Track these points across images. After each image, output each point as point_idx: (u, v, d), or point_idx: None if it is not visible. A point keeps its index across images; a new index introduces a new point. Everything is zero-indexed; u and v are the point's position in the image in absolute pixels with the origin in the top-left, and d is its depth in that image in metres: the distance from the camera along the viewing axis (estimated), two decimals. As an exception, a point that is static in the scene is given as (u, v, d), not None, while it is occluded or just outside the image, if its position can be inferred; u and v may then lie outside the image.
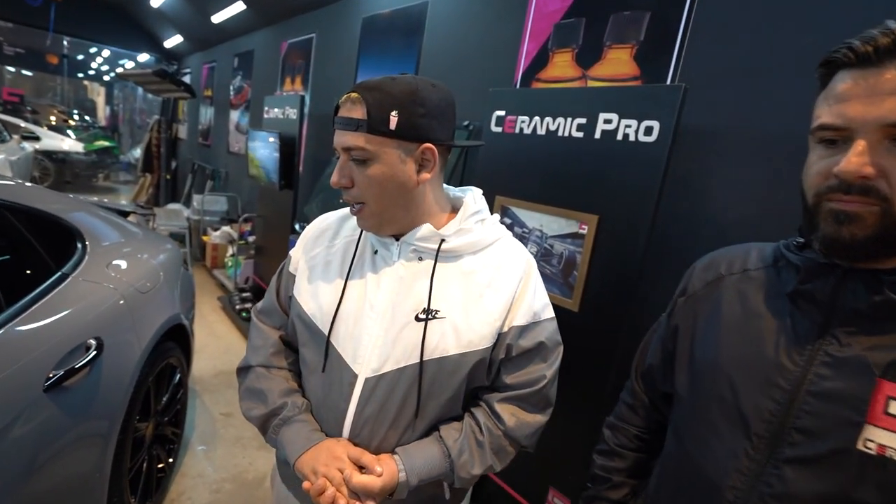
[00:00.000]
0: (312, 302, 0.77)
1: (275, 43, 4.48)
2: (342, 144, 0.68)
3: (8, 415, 0.92)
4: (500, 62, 2.20)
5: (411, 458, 0.72)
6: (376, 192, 0.69)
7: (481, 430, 0.76)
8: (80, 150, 8.40)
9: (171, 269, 1.87)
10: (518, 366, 0.77)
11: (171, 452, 1.86)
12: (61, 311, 1.17)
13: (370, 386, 0.71)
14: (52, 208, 1.42)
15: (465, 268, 0.75)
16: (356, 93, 0.67)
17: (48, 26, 6.92)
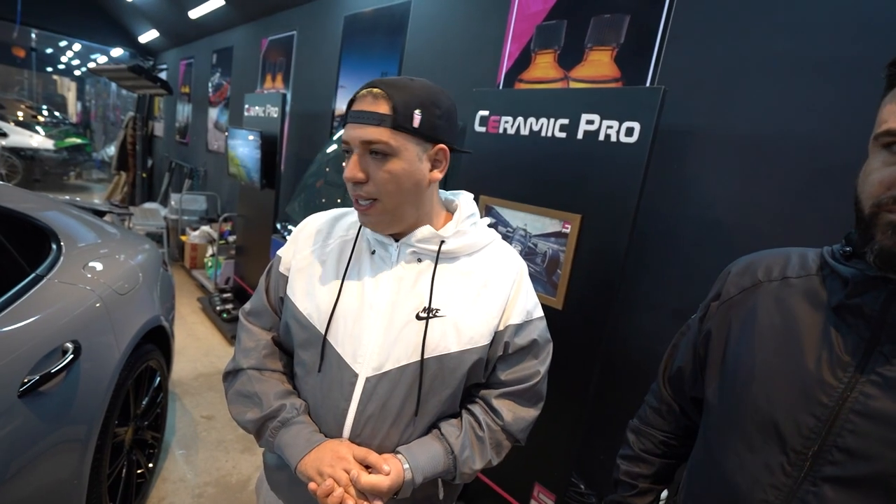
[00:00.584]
0: (308, 302, 0.76)
1: (255, 40, 4.41)
2: (363, 138, 0.67)
3: (-19, 422, 0.89)
4: (483, 62, 2.21)
5: (415, 456, 0.72)
6: (393, 189, 0.69)
7: (480, 425, 0.78)
8: (51, 147, 8.12)
9: (150, 270, 1.82)
10: (513, 363, 0.80)
11: (151, 457, 1.82)
12: (36, 314, 1.14)
13: (371, 385, 0.72)
14: (24, 207, 1.37)
15: (463, 268, 0.77)
16: (379, 88, 0.67)
17: (15, 18, 6.66)
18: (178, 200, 4.90)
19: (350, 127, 0.68)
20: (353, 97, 0.70)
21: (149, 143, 7.12)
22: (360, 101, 0.68)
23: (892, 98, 0.49)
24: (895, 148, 0.48)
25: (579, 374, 1.46)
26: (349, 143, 0.69)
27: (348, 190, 0.71)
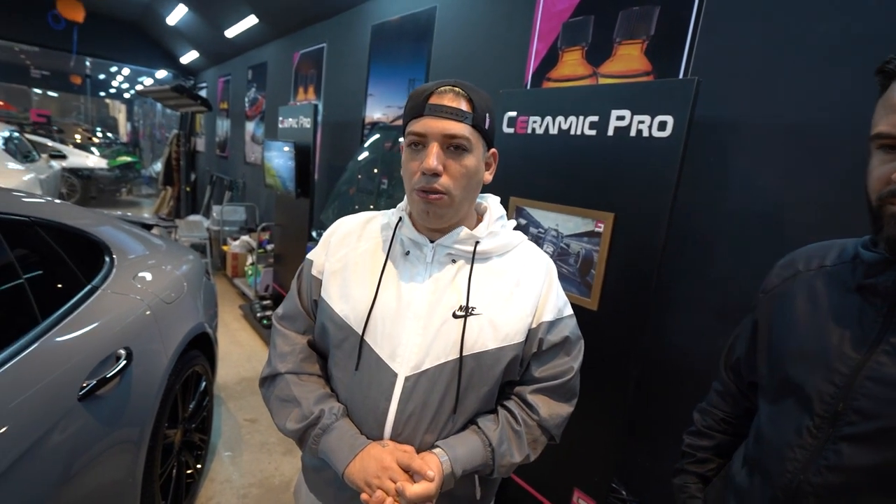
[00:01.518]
0: (343, 303, 0.78)
1: (287, 54, 4.56)
2: (446, 131, 0.69)
3: (45, 423, 0.95)
4: (510, 63, 2.20)
5: (454, 449, 0.73)
6: (464, 184, 0.72)
7: (517, 420, 0.79)
8: (104, 166, 8.66)
9: (195, 279, 1.91)
10: (546, 360, 0.81)
11: (199, 458, 1.90)
12: (92, 323, 1.22)
13: (411, 384, 0.73)
14: (80, 223, 1.47)
15: (496, 268, 0.79)
16: (460, 88, 0.71)
17: (71, 48, 7.17)
18: (219, 212, 5.11)
19: (429, 119, 0.69)
20: (424, 92, 0.71)
21: (192, 159, 7.48)
22: (440, 96, 0.70)
23: (882, 104, 0.56)
24: (888, 147, 0.54)
25: (617, 375, 1.43)
26: (426, 136, 0.70)
27: (412, 182, 0.72)
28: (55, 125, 13.00)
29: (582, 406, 1.53)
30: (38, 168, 4.50)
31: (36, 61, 13.83)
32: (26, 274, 1.12)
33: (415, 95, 0.73)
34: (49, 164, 5.12)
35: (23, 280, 1.09)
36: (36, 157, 4.77)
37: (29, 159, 4.43)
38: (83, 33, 7.10)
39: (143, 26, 7.81)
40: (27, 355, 0.99)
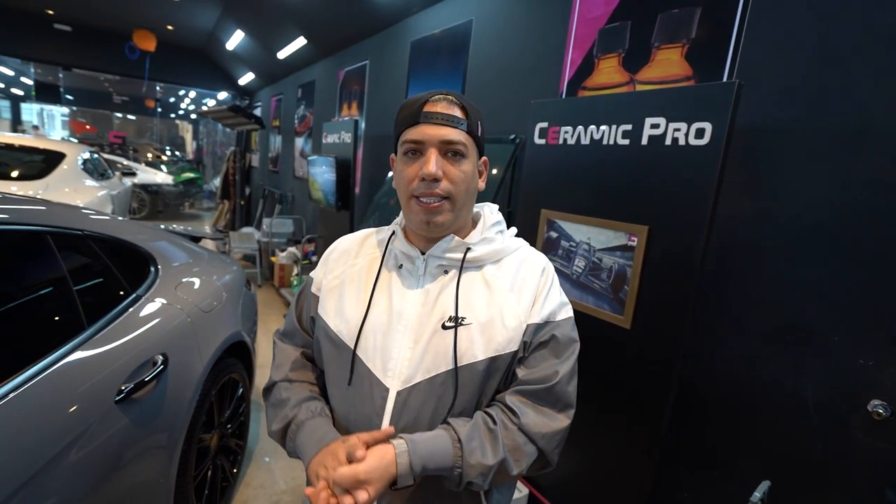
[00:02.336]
0: (337, 318, 0.78)
1: (333, 72, 4.75)
2: (444, 137, 0.71)
3: (82, 424, 1.02)
4: (545, 74, 2.17)
5: (414, 441, 0.68)
6: (462, 189, 0.73)
7: (493, 420, 0.72)
8: (170, 182, 9.35)
9: (234, 289, 2.00)
10: (531, 362, 0.76)
11: (235, 463, 1.96)
12: (133, 330, 1.29)
13: (402, 398, 0.72)
14: (130, 236, 1.58)
15: (488, 275, 0.77)
16: (452, 96, 0.73)
17: (144, 75, 7.85)
18: (268, 224, 5.36)
19: (426, 126, 0.71)
20: (418, 101, 0.73)
21: (247, 174, 7.93)
22: (434, 104, 0.72)
23: None
24: None
25: (652, 400, 1.34)
26: (423, 142, 0.71)
27: (410, 189, 0.73)
28: (130, 145, 14.25)
29: (613, 432, 1.46)
30: (111, 185, 4.91)
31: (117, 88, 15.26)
32: (76, 283, 1.21)
33: (408, 105, 0.74)
34: (121, 181, 5.58)
35: (72, 288, 1.18)
36: (110, 175, 5.21)
37: (104, 177, 4.85)
38: (154, 61, 7.77)
39: (206, 52, 8.43)
40: (70, 359, 1.06)
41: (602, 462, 1.51)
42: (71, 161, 4.00)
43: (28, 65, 11.61)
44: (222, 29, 6.73)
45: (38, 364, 0.99)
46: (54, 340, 1.07)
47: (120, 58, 7.53)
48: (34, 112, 19.66)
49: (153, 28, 7.01)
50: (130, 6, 6.32)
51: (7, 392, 0.90)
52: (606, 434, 1.49)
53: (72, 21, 7.25)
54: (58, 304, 1.15)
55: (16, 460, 0.87)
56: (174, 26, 7.12)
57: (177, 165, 11.75)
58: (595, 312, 1.50)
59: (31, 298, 1.11)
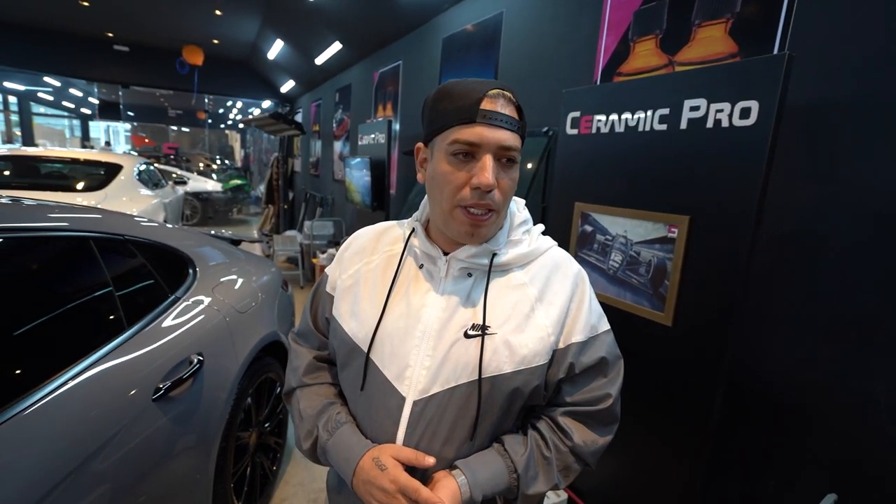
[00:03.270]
0: (352, 321, 0.75)
1: (368, 74, 4.83)
2: (503, 142, 0.63)
3: (122, 420, 1.07)
4: (579, 62, 2.09)
5: (474, 472, 0.67)
6: (510, 198, 0.69)
7: (548, 444, 0.73)
8: (219, 189, 9.85)
9: (271, 290, 2.06)
10: (580, 384, 0.74)
11: (274, 461, 2.02)
12: (171, 330, 1.35)
13: (419, 409, 0.68)
14: (170, 240, 1.66)
15: (515, 281, 0.72)
16: (509, 93, 0.66)
17: (193, 88, 8.31)
18: (309, 227, 5.52)
19: (483, 128, 0.63)
20: (472, 94, 0.63)
21: (290, 179, 8.22)
22: (493, 101, 0.64)
23: None
24: None
25: (697, 403, 1.25)
26: (479, 146, 0.63)
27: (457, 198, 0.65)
28: (184, 156, 15.15)
29: (655, 438, 1.38)
30: (164, 193, 5.23)
31: (171, 102, 16.28)
32: (117, 285, 1.27)
33: (457, 96, 0.64)
34: (174, 190, 5.93)
35: (113, 291, 1.25)
36: (164, 184, 5.55)
37: (158, 186, 5.17)
38: (202, 75, 8.21)
39: (249, 63, 8.81)
40: (109, 359, 1.12)
41: (644, 468, 1.43)
42: (127, 172, 4.28)
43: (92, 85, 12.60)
44: (263, 39, 7.01)
45: (79, 364, 1.05)
46: (95, 341, 1.13)
47: (171, 73, 8.01)
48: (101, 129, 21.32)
49: (200, 43, 7.41)
50: (179, 23, 6.70)
51: (52, 390, 0.96)
52: (648, 439, 1.41)
53: (128, 41, 7.80)
54: (99, 306, 1.22)
55: (59, 455, 0.92)
56: (219, 40, 7.49)
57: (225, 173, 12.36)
58: (634, 309, 1.42)
59: (73, 301, 1.17)
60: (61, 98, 15.68)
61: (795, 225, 1.31)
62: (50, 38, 7.33)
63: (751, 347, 1.39)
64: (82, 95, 15.18)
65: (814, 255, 1.27)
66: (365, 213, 3.96)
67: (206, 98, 13.92)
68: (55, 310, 1.10)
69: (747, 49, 1.44)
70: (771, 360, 1.36)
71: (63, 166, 4.23)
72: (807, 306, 1.28)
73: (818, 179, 1.27)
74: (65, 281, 1.18)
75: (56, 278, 1.18)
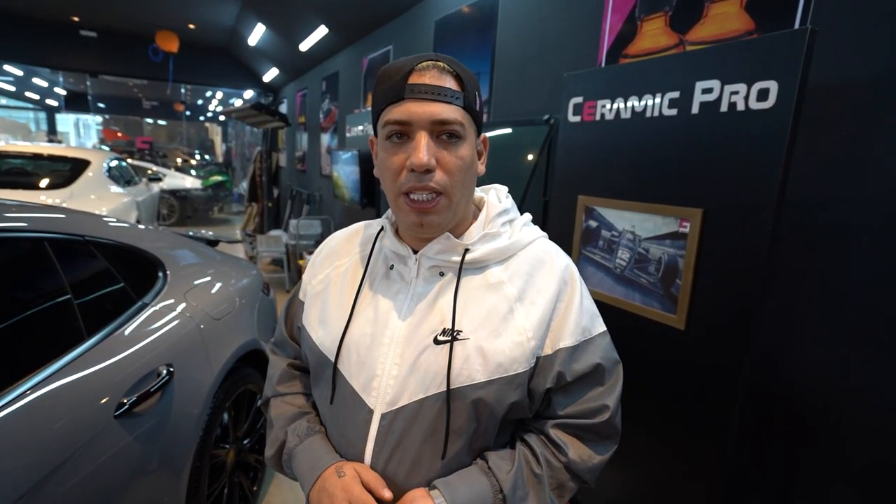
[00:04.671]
0: (320, 329, 0.74)
1: (356, 61, 4.79)
2: (436, 116, 0.61)
3: (80, 439, 1.04)
4: (581, 43, 2.07)
5: (453, 491, 0.64)
6: (460, 179, 0.64)
7: (538, 460, 0.70)
8: (199, 186, 9.80)
9: (250, 294, 2.03)
10: (574, 395, 0.71)
11: (255, 480, 1.99)
12: (137, 340, 1.32)
13: (387, 422, 0.67)
14: (138, 242, 1.62)
15: (492, 279, 0.70)
16: (444, 63, 0.63)
17: (168, 77, 8.26)
18: (295, 226, 5.49)
19: (412, 103, 0.61)
20: (401, 70, 0.62)
21: (275, 174, 8.18)
22: (421, 73, 0.61)
23: None
24: None
25: (714, 413, 1.23)
26: (410, 124, 0.61)
27: (398, 184, 0.64)
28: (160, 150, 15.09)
29: (667, 452, 1.35)
30: (137, 191, 5.19)
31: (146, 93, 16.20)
32: (76, 291, 1.24)
33: (388, 74, 0.63)
34: (148, 187, 5.89)
35: (71, 297, 1.21)
36: (137, 181, 5.51)
37: (130, 183, 5.13)
38: (178, 62, 8.16)
39: (228, 50, 8.77)
40: (66, 372, 1.09)
41: (656, 485, 1.41)
42: (96, 168, 4.24)
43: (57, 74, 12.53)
44: (243, 24, 6.97)
45: (32, 378, 1.02)
46: (49, 354, 1.10)
47: (144, 61, 7.96)
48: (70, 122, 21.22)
49: (175, 28, 7.35)
50: (151, 6, 6.65)
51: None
52: (660, 453, 1.38)
53: (96, 27, 7.73)
54: (54, 314, 1.18)
55: (7, 479, 0.89)
56: (195, 25, 7.44)
57: (205, 169, 12.31)
58: (643, 311, 1.40)
59: (24, 309, 1.14)
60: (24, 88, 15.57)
61: (820, 216, 1.29)
62: (8, 22, 7.24)
63: (772, 351, 1.36)
64: (47, 85, 15.07)
65: (841, 250, 1.25)
66: (354, 211, 3.94)
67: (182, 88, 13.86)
68: (3, 319, 1.07)
69: (765, 26, 1.42)
70: (795, 365, 1.34)
71: (25, 162, 4.18)
72: (834, 305, 1.26)
73: (845, 166, 1.24)
74: (15, 286, 1.15)
75: (5, 284, 1.15)
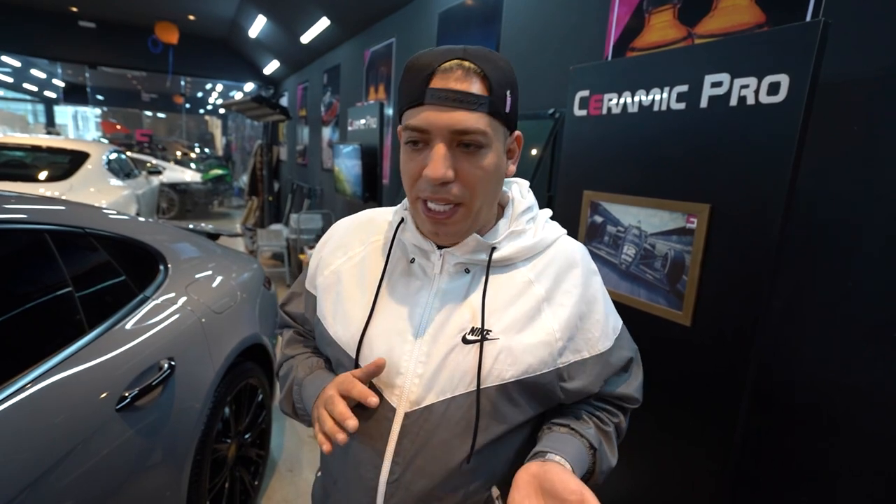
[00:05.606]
0: (338, 325, 0.73)
1: (358, 53, 4.78)
2: (455, 126, 0.57)
3: (82, 433, 1.04)
4: (588, 36, 2.06)
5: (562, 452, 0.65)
6: (483, 189, 0.62)
7: (601, 420, 0.76)
8: (199, 180, 9.79)
9: (252, 289, 2.03)
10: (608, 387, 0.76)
11: (256, 475, 2.00)
12: (138, 334, 1.32)
13: (410, 422, 0.66)
14: (139, 234, 1.62)
15: (519, 279, 0.69)
16: (471, 62, 0.58)
17: (168, 69, 8.24)
18: (296, 220, 5.48)
19: (431, 111, 0.58)
20: (424, 69, 0.58)
21: (275, 168, 8.17)
22: (446, 76, 0.58)
23: None
24: None
25: (721, 410, 1.23)
26: (428, 132, 0.59)
27: (414, 189, 0.63)
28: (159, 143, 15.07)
29: (674, 451, 1.36)
30: (137, 184, 5.19)
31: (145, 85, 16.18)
32: (77, 284, 1.24)
33: (413, 71, 0.60)
34: (147, 181, 5.88)
35: (72, 290, 1.21)
36: (136, 174, 5.51)
37: (130, 176, 5.13)
38: (178, 54, 8.14)
39: (229, 42, 8.74)
40: (68, 365, 1.09)
41: (662, 486, 1.41)
42: (95, 161, 4.24)
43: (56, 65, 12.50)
44: (244, 15, 6.94)
45: (33, 371, 1.02)
46: (51, 346, 1.10)
47: (144, 52, 7.94)
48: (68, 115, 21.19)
49: (174, 19, 7.33)
50: (152, -2, 6.63)
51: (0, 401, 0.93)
52: (666, 453, 1.39)
53: (95, 17, 7.71)
54: (56, 307, 1.19)
55: (9, 472, 0.89)
56: (195, 16, 7.41)
57: (205, 162, 12.30)
58: (649, 307, 1.40)
59: (25, 301, 1.14)
60: (22, 80, 15.55)
61: (830, 213, 1.28)
62: (6, 12, 7.22)
63: (779, 349, 1.36)
64: (46, 77, 15.04)
65: (851, 247, 1.25)
66: (356, 205, 3.93)
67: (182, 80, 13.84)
68: (4, 312, 1.07)
69: (776, 18, 1.41)
70: (802, 363, 1.34)
71: (24, 154, 4.18)
72: (843, 304, 1.26)
73: (857, 162, 1.23)
74: (16, 279, 1.15)
75: (6, 276, 1.15)
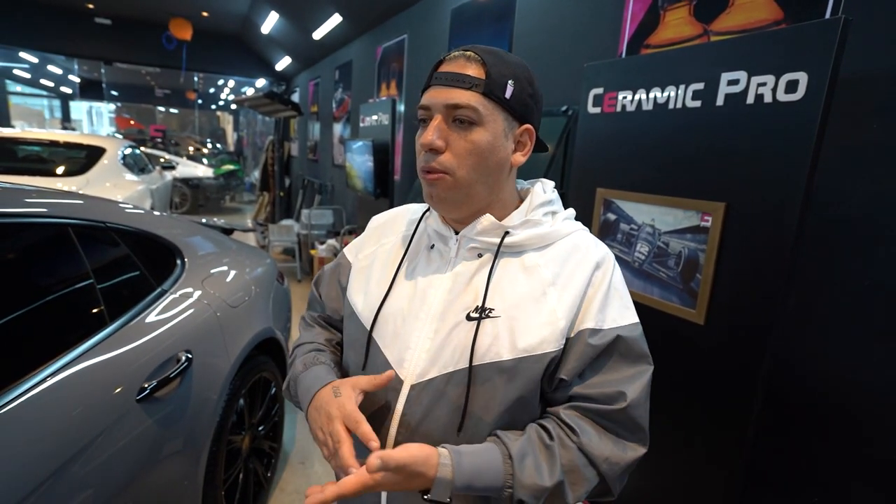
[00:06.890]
0: (359, 298, 0.80)
1: (370, 50, 4.79)
2: (448, 101, 0.66)
3: (104, 422, 1.07)
4: (601, 33, 2.05)
5: (459, 452, 0.64)
6: (472, 162, 0.68)
7: (549, 434, 0.67)
8: (211, 175, 9.89)
9: (266, 283, 2.06)
10: (588, 374, 0.69)
11: (269, 466, 2.03)
12: (157, 326, 1.35)
13: (415, 393, 0.70)
14: (157, 229, 1.65)
15: (528, 262, 0.72)
16: (473, 52, 0.68)
17: (181, 65, 8.32)
18: (307, 216, 5.53)
19: (433, 90, 0.68)
20: (439, 60, 0.70)
21: (286, 164, 8.22)
22: (450, 63, 0.68)
23: None
24: None
25: (733, 408, 1.23)
26: (429, 108, 0.68)
27: (418, 162, 0.71)
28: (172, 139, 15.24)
29: (685, 450, 1.36)
30: (151, 179, 5.26)
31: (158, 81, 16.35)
32: (99, 277, 1.27)
33: (432, 65, 0.71)
34: (161, 176, 5.96)
35: (94, 283, 1.24)
36: (150, 169, 5.58)
37: (144, 171, 5.20)
38: (191, 50, 8.22)
39: (241, 38, 8.80)
40: (90, 356, 1.12)
41: (673, 485, 1.42)
42: (111, 156, 4.30)
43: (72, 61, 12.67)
44: (256, 12, 6.98)
45: (56, 361, 1.05)
46: (74, 337, 1.13)
47: (158, 48, 8.02)
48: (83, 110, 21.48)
49: (188, 16, 7.39)
50: (166, -6, 6.70)
51: (26, 390, 0.96)
52: (677, 452, 1.39)
53: (111, 14, 7.80)
54: (79, 299, 1.22)
55: (34, 460, 0.92)
56: (209, 12, 7.48)
57: (217, 158, 12.41)
58: (662, 306, 1.40)
59: (50, 293, 1.17)
60: (39, 76, 15.79)
61: (846, 211, 1.27)
62: (25, 10, 7.34)
63: (794, 348, 1.36)
64: (62, 73, 15.26)
65: (867, 245, 1.24)
66: (367, 201, 3.95)
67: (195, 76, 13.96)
68: (30, 303, 1.10)
69: (794, 15, 1.40)
70: (817, 362, 1.33)
71: (42, 149, 4.26)
72: (859, 302, 1.25)
73: (874, 161, 1.22)
74: (41, 272, 1.18)
75: (31, 269, 1.18)
